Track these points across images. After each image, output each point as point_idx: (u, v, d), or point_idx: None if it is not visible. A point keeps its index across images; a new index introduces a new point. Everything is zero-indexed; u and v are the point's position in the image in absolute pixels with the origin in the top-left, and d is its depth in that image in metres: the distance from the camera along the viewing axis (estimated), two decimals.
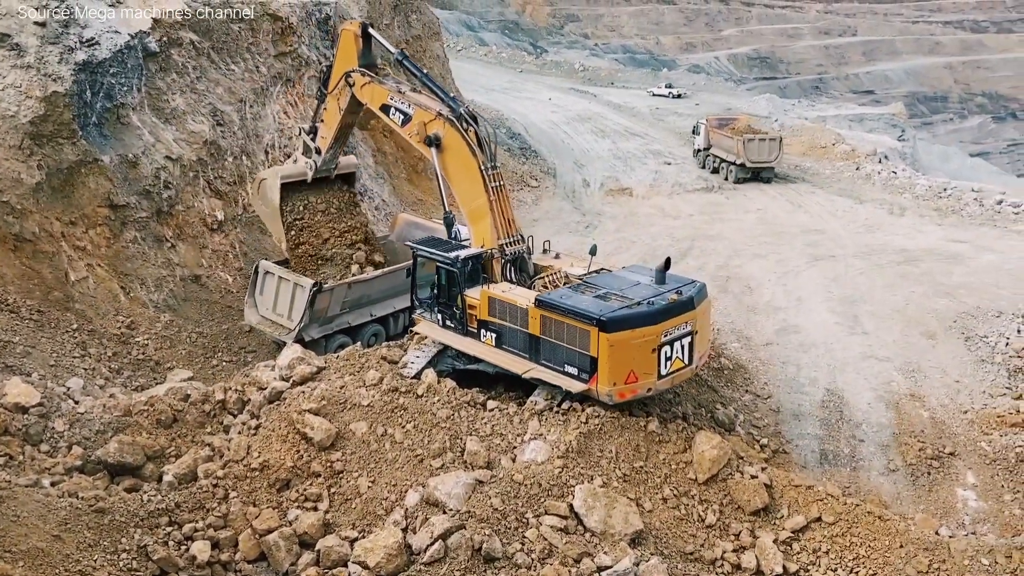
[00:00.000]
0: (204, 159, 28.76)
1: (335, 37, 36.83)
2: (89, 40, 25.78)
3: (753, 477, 17.73)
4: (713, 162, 50.28)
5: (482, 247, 20.27)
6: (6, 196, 23.02)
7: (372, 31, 23.39)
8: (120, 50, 26.51)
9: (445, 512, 15.74)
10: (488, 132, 20.93)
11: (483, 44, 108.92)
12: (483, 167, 20.27)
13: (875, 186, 47.97)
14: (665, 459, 17.62)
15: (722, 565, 16.34)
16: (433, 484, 16.27)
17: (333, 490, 16.86)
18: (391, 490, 16.69)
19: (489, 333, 19.31)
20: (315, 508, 16.43)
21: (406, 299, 22.94)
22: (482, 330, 19.46)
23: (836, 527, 17.22)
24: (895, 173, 50.21)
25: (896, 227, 39.35)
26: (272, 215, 25.78)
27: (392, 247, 27.50)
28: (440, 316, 20.38)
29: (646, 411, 18.53)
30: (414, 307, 21.28)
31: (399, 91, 22.18)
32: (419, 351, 20.28)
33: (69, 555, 13.75)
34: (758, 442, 21.21)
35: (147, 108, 27.66)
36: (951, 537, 18.11)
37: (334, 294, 24.02)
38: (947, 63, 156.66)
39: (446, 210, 21.68)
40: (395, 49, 23.42)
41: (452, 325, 20.13)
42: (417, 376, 19.38)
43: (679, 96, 77.94)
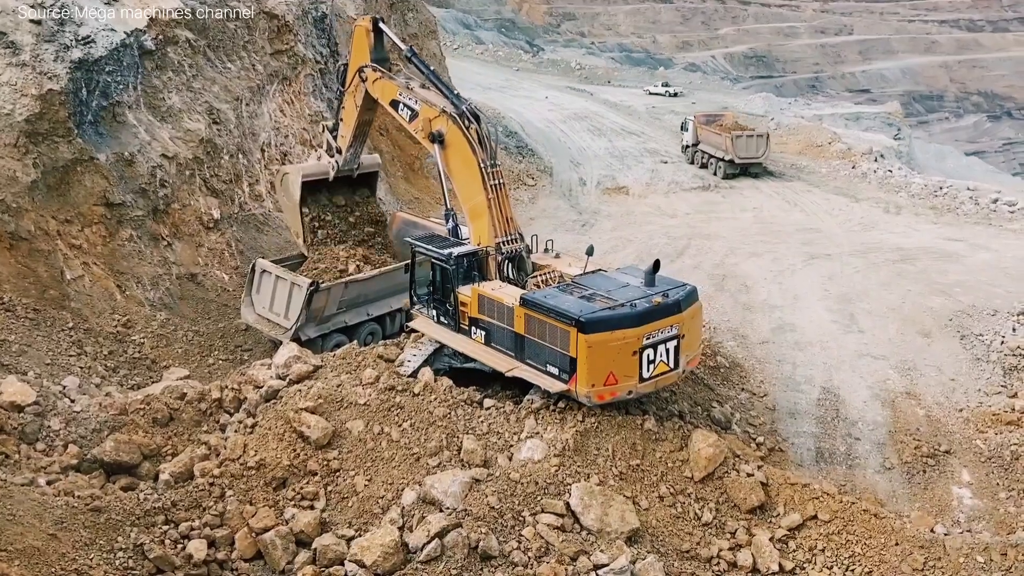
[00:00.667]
0: (200, 157, 28.71)
1: (331, 35, 36.89)
2: (85, 38, 25.73)
3: (749, 475, 17.77)
4: (702, 158, 50.48)
5: (479, 244, 20.29)
6: (1, 194, 22.96)
7: (383, 26, 23.70)
8: (116, 48, 26.47)
9: (442, 510, 15.76)
10: (489, 131, 20.97)
11: (480, 43, 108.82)
12: (483, 165, 20.31)
13: (871, 185, 48.09)
14: (661, 457, 17.65)
15: (718, 563, 16.37)
16: (430, 482, 16.28)
17: (330, 488, 16.84)
18: (388, 488, 16.68)
19: (479, 331, 19.30)
20: (312, 507, 16.41)
21: (403, 298, 22.93)
22: (472, 327, 19.46)
23: (832, 525, 17.27)
24: (891, 172, 50.35)
25: (892, 226, 39.45)
26: (292, 210, 25.94)
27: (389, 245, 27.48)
28: (435, 312, 20.40)
29: (642, 409, 18.56)
30: (412, 303, 21.29)
31: (408, 87, 22.33)
32: (415, 349, 20.28)
33: (65, 554, 13.69)
34: (754, 440, 21.22)
35: (143, 106, 27.61)
36: (946, 535, 18.18)
37: (331, 293, 23.98)
38: (943, 62, 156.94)
39: (447, 207, 21.69)
40: (404, 45, 23.63)
41: (446, 322, 20.14)
42: (413, 374, 19.38)
43: (675, 95, 78.03)
